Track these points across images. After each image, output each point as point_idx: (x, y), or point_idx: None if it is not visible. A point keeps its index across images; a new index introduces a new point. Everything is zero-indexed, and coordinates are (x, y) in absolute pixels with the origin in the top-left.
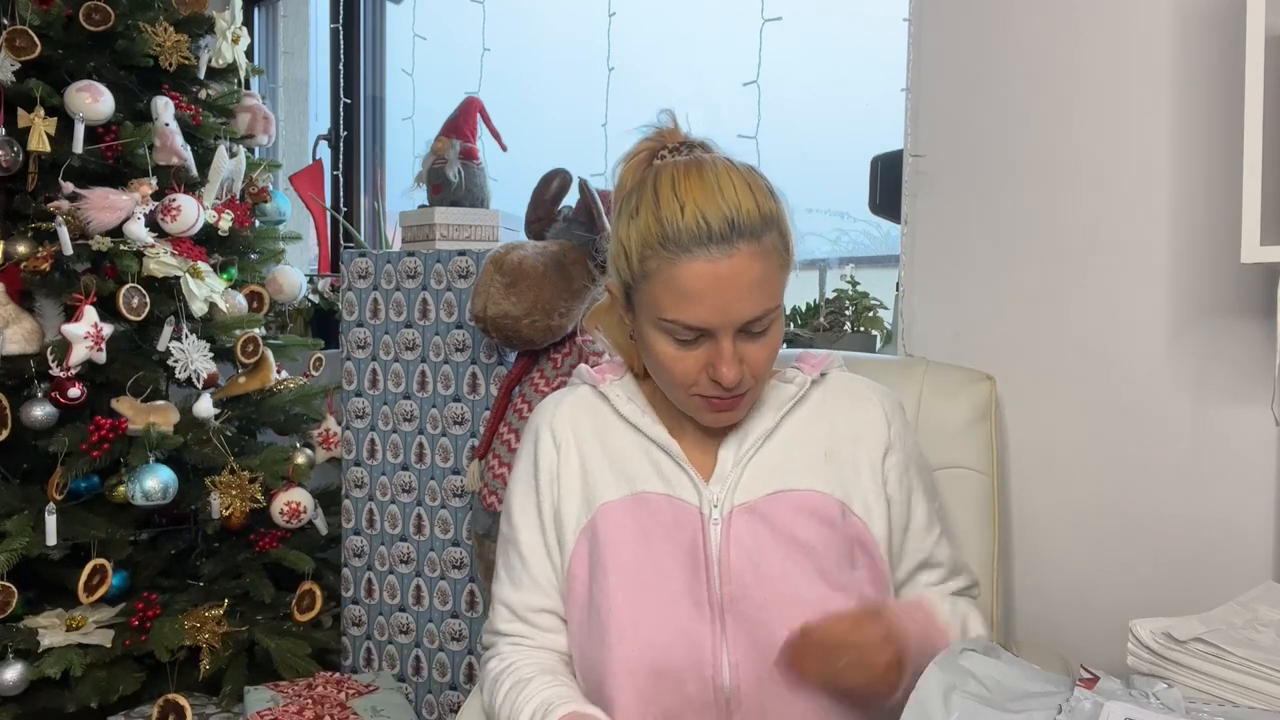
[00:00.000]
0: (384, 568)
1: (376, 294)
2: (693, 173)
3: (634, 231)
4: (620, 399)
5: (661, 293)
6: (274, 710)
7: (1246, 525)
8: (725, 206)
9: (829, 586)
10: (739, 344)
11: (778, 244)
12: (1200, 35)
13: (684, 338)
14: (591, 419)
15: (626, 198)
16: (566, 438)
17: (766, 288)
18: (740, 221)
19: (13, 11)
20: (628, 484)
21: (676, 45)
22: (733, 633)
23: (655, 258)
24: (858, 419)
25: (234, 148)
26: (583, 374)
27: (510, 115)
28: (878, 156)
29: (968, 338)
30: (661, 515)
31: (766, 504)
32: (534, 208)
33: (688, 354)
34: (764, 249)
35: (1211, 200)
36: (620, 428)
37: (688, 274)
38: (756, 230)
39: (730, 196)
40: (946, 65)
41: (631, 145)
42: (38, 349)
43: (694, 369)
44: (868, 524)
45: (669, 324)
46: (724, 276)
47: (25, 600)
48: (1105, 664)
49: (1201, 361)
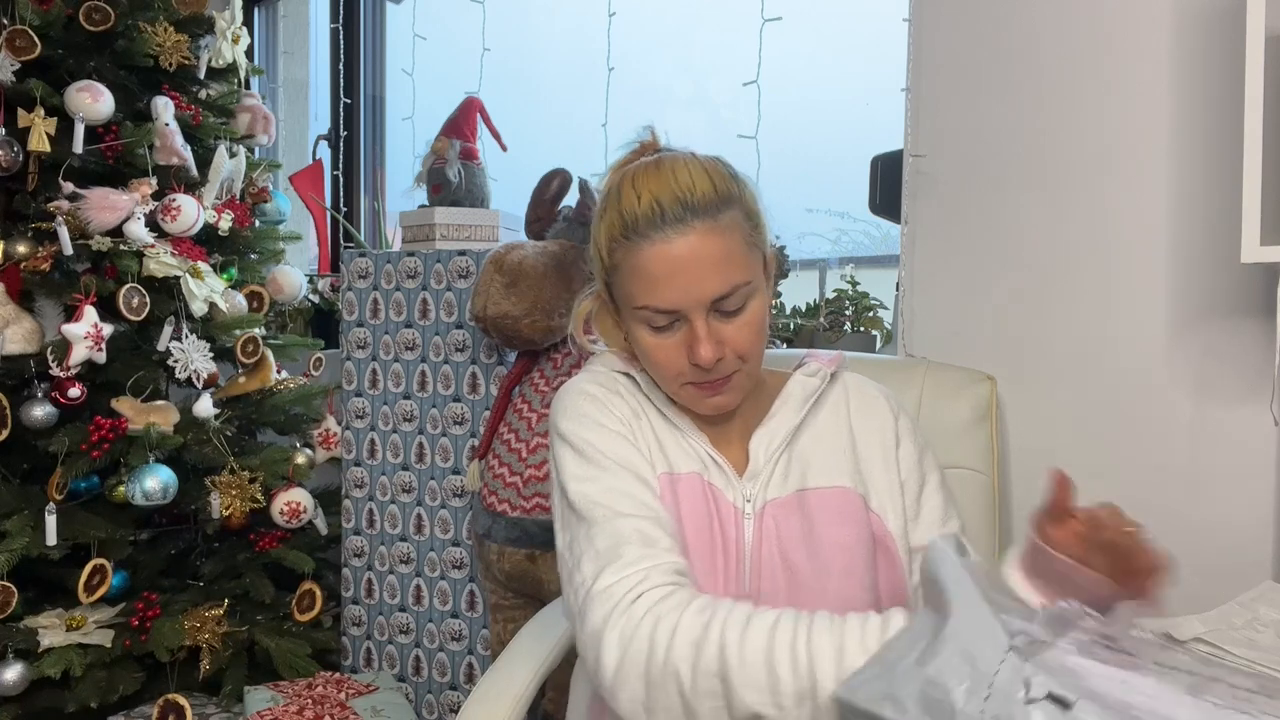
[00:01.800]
0: (384, 568)
1: (376, 294)
2: (650, 167)
3: (603, 229)
4: (649, 384)
5: (631, 281)
6: (274, 710)
7: (1246, 525)
8: (678, 189)
9: (856, 585)
10: (714, 324)
11: (739, 220)
12: (1200, 35)
13: (659, 324)
14: (626, 398)
15: (599, 203)
16: (613, 400)
17: (730, 263)
18: (693, 201)
19: (13, 11)
20: (665, 461)
21: (676, 45)
22: None
23: (621, 249)
24: (870, 415)
25: (234, 148)
26: (609, 360)
27: (510, 115)
28: (878, 156)
29: (968, 338)
30: (697, 498)
31: (797, 501)
32: (534, 208)
33: (667, 340)
34: (722, 225)
35: (1211, 200)
36: (653, 412)
37: (648, 258)
38: (712, 208)
39: (684, 179)
40: (946, 65)
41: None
42: (38, 349)
43: (676, 356)
44: (884, 519)
45: (642, 311)
46: (682, 255)
47: (25, 600)
48: None
49: (1201, 361)
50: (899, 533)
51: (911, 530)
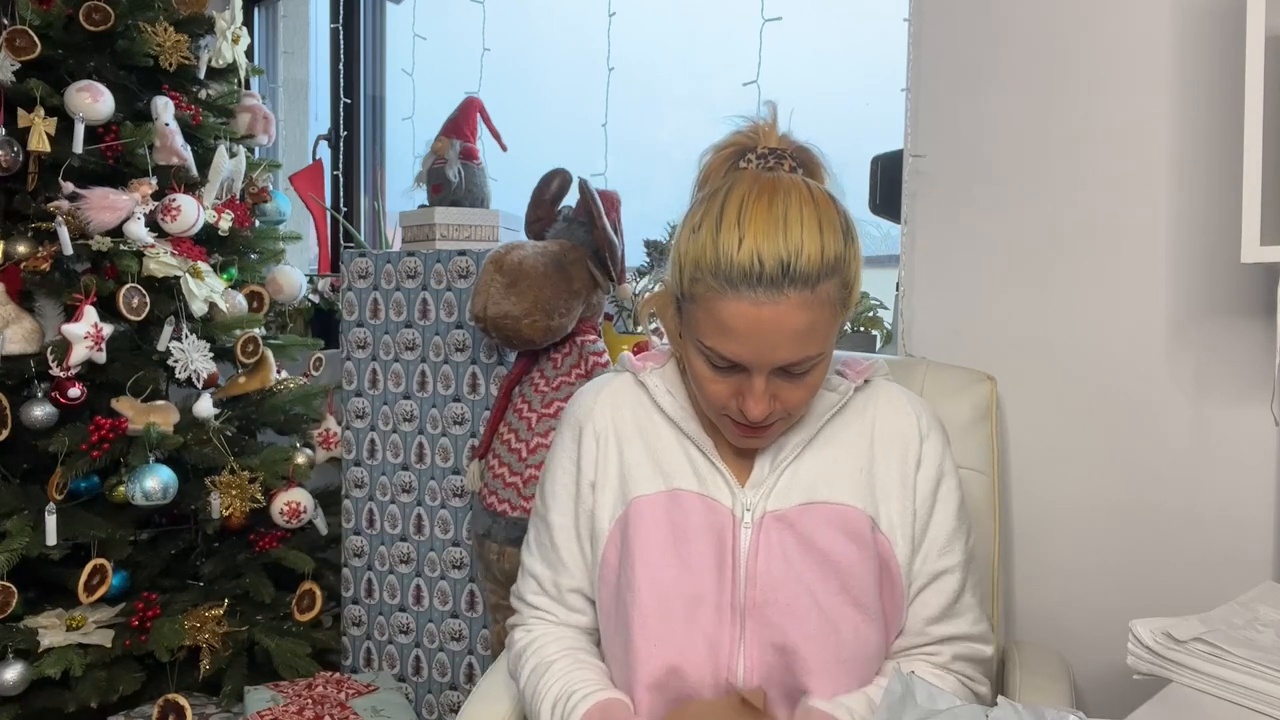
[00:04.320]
0: (384, 568)
1: (376, 294)
2: (763, 200)
3: (692, 248)
4: (659, 390)
5: (704, 319)
6: (274, 710)
7: (1246, 525)
8: (785, 248)
9: (852, 605)
10: (775, 380)
11: (835, 293)
12: (1200, 35)
13: (720, 365)
14: (632, 409)
15: (697, 203)
16: (607, 432)
17: (813, 337)
18: (796, 268)
19: (13, 11)
20: (664, 479)
21: (676, 45)
22: (751, 638)
23: (703, 284)
24: (895, 431)
25: (234, 148)
26: (625, 361)
27: (510, 115)
28: (878, 156)
29: (968, 338)
30: (694, 514)
31: (799, 514)
32: (534, 208)
33: (723, 380)
34: (817, 298)
35: (1211, 200)
36: (660, 421)
37: (730, 311)
38: (813, 278)
39: (794, 237)
40: (946, 65)
41: (723, 136)
42: (38, 349)
43: (726, 394)
44: (893, 543)
45: (707, 349)
46: (766, 320)
47: (25, 600)
48: (1105, 664)
49: (1201, 361)
50: (904, 559)
51: (914, 559)
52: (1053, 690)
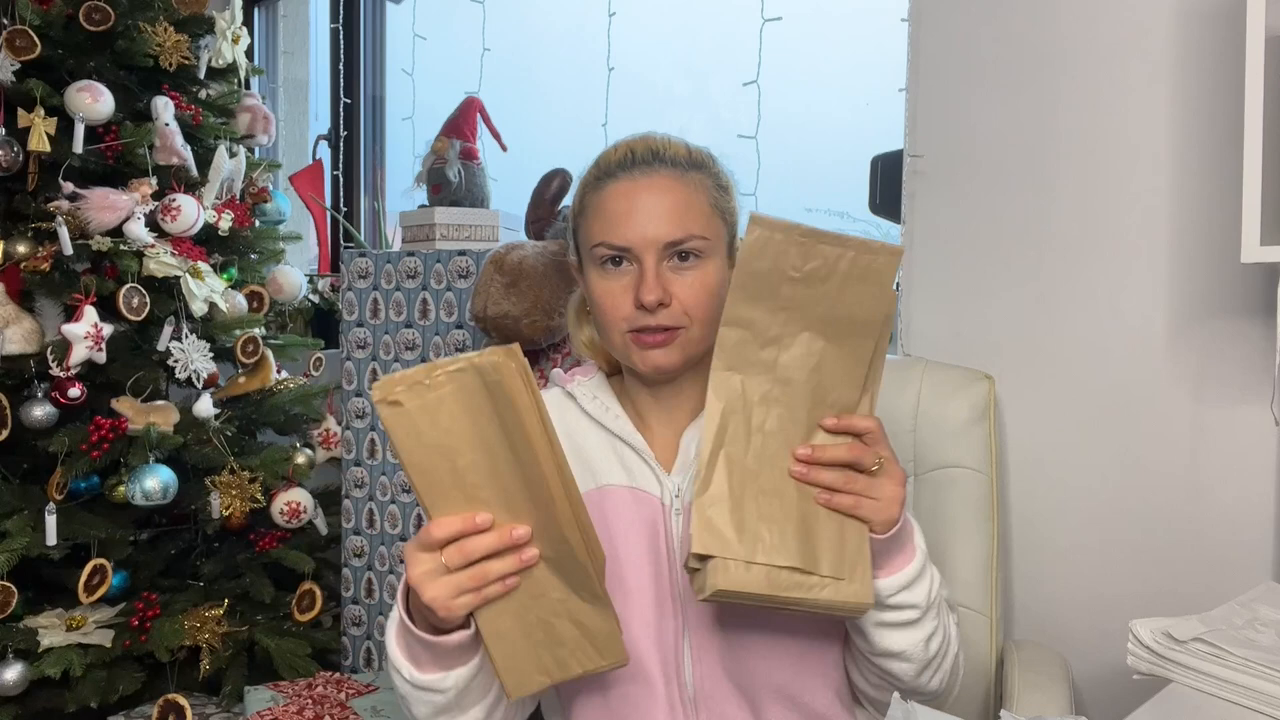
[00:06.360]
0: (384, 568)
1: (376, 294)
2: (636, 137)
3: (579, 188)
4: (585, 397)
5: (592, 222)
6: (274, 710)
7: (1246, 525)
8: (653, 142)
9: None
10: (665, 272)
11: (708, 184)
12: (1200, 35)
13: (612, 260)
14: (559, 418)
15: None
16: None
17: (690, 213)
18: (665, 153)
19: (13, 11)
20: (591, 478)
21: (676, 45)
22: (693, 626)
23: (589, 192)
24: None
25: (234, 148)
26: (554, 377)
27: (510, 115)
28: (878, 156)
29: (968, 338)
30: (624, 508)
31: None
32: (534, 208)
33: (615, 284)
34: (688, 181)
35: (1211, 200)
36: (586, 425)
37: (611, 194)
38: (681, 164)
39: (661, 138)
40: (946, 65)
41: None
42: (38, 349)
43: (623, 300)
44: None
45: (597, 249)
46: (642, 193)
47: (25, 600)
48: (1105, 664)
49: (1201, 361)
50: None
51: None
52: (1052, 690)
